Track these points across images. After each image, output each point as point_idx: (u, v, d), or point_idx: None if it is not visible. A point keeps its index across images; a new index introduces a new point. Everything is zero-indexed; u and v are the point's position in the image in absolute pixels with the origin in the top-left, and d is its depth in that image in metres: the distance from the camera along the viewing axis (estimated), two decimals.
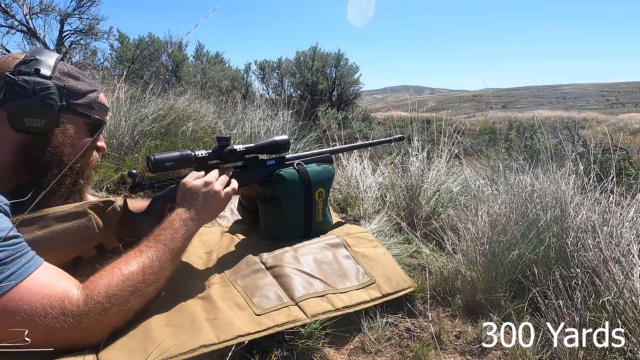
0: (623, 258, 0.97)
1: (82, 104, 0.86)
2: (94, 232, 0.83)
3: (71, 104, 0.84)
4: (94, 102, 0.89)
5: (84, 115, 0.87)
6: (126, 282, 0.72)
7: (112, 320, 0.70)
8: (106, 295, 0.69)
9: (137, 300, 0.74)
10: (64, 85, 0.83)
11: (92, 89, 0.90)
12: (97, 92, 0.91)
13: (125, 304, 0.71)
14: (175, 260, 0.84)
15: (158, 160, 0.90)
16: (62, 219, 0.80)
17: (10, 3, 5.13)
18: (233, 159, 1.04)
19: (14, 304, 0.61)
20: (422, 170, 1.74)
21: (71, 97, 0.84)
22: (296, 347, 0.82)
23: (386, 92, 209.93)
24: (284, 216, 1.13)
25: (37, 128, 0.78)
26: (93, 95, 0.89)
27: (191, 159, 0.95)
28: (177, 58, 6.44)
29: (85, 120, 0.87)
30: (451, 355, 0.90)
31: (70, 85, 0.84)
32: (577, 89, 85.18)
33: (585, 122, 12.29)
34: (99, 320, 0.68)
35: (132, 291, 0.72)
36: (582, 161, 1.39)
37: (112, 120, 2.20)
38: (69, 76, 0.85)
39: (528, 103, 60.75)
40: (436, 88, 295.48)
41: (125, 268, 0.74)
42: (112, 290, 0.70)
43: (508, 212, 1.20)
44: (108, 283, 0.70)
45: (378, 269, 1.05)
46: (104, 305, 0.68)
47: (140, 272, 0.75)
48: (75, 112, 0.85)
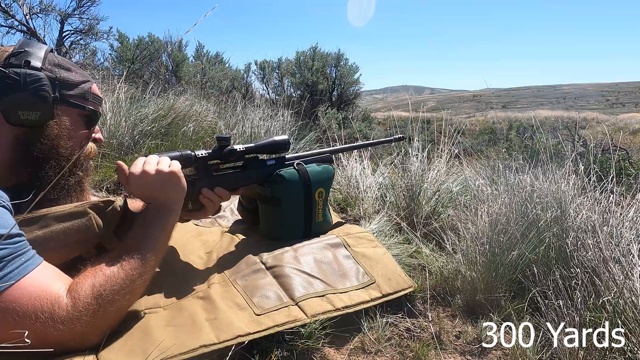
0: (623, 258, 0.97)
1: (76, 95, 0.85)
2: (94, 232, 0.82)
3: (64, 95, 0.83)
4: (88, 93, 0.88)
5: (79, 106, 0.86)
6: (110, 282, 0.70)
7: (104, 322, 0.69)
8: (93, 296, 0.68)
9: (124, 298, 0.72)
10: (55, 77, 0.82)
11: (85, 79, 0.88)
12: (89, 82, 0.90)
13: (112, 304, 0.70)
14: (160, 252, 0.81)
15: None
16: (62, 218, 0.79)
17: (10, 3, 5.13)
18: (233, 158, 1.04)
19: (6, 304, 0.61)
20: (422, 170, 1.74)
21: (64, 88, 0.83)
22: (296, 347, 0.82)
23: (386, 92, 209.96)
24: (284, 216, 1.14)
25: (32, 121, 0.77)
26: (86, 85, 0.88)
27: (191, 158, 0.95)
28: (177, 58, 6.44)
29: (80, 112, 0.86)
30: (451, 355, 0.90)
31: (62, 77, 0.83)
32: (577, 89, 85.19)
33: (585, 122, 12.29)
34: (91, 322, 0.66)
35: (118, 290, 0.71)
36: (582, 161, 1.39)
37: (112, 120, 2.20)
38: (60, 67, 0.84)
39: (528, 103, 60.75)
40: (436, 88, 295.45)
41: (108, 268, 0.72)
42: (97, 292, 0.68)
43: (508, 212, 1.20)
44: (92, 283, 0.69)
45: (378, 269, 1.05)
46: (92, 306, 0.67)
47: (122, 271, 0.73)
48: (69, 104, 0.84)
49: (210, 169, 1.02)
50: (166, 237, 0.84)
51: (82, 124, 0.88)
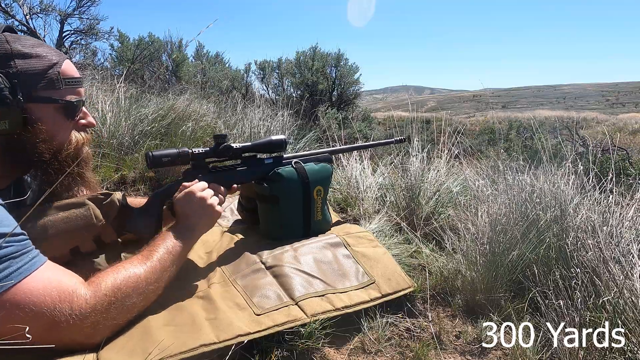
0: (623, 258, 0.97)
1: (44, 87, 0.73)
2: (92, 222, 0.83)
3: (29, 92, 0.71)
4: (57, 80, 0.75)
5: (51, 100, 0.75)
6: (130, 279, 0.73)
7: (115, 317, 0.70)
8: (112, 288, 0.70)
9: (138, 298, 0.75)
10: (14, 72, 0.69)
11: (50, 62, 0.74)
12: (57, 64, 0.75)
13: (129, 299, 0.72)
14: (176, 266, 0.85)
15: (156, 156, 0.93)
16: (61, 208, 0.81)
17: (11, 3, 5.13)
18: (230, 155, 1.06)
19: (22, 296, 0.61)
20: (422, 170, 1.74)
21: (27, 84, 0.71)
22: (296, 347, 0.82)
23: (386, 92, 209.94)
24: (283, 215, 1.14)
25: (3, 130, 0.69)
26: (53, 71, 0.74)
27: (188, 155, 0.97)
28: (177, 58, 6.43)
29: (56, 105, 0.76)
30: (451, 355, 0.90)
31: (21, 69, 0.70)
32: (577, 89, 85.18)
33: (585, 122, 12.29)
34: (103, 315, 0.68)
35: (135, 287, 0.74)
36: (582, 161, 1.39)
37: (112, 120, 2.20)
38: (16, 57, 0.70)
39: (528, 103, 60.73)
40: (436, 88, 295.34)
41: (130, 267, 0.76)
42: (117, 285, 0.71)
43: (508, 212, 1.20)
44: (114, 278, 0.72)
45: (378, 269, 1.05)
46: (110, 298, 0.69)
47: (142, 272, 0.76)
48: (39, 100, 0.73)
49: (207, 166, 1.04)
50: (185, 255, 0.88)
51: (63, 115, 0.77)
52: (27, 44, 0.73)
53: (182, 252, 0.86)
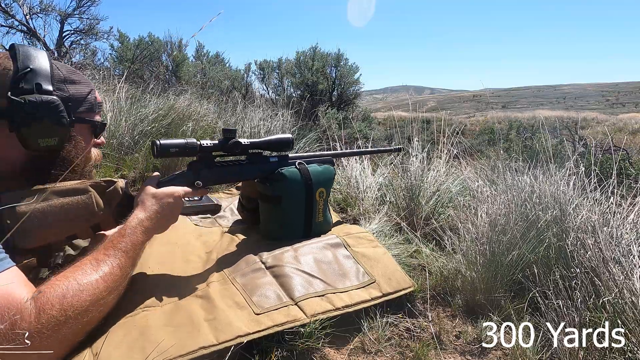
0: (623, 258, 0.97)
1: (86, 110, 0.85)
2: (93, 210, 0.82)
3: (77, 113, 0.83)
4: (95, 105, 0.88)
5: (90, 122, 0.87)
6: (84, 292, 0.66)
7: (68, 336, 0.64)
8: (60, 307, 0.62)
9: (97, 310, 0.68)
10: (67, 96, 0.81)
11: (89, 88, 0.88)
12: (93, 90, 0.89)
13: (86, 315, 0.65)
14: (133, 267, 0.80)
15: (163, 145, 0.91)
16: (62, 193, 0.79)
17: (10, 3, 5.12)
18: (237, 151, 1.04)
19: None
20: (422, 170, 1.74)
21: (75, 106, 0.83)
22: (296, 347, 0.82)
23: (386, 92, 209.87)
24: (284, 215, 1.14)
25: (52, 146, 0.78)
26: (92, 96, 0.87)
27: (196, 147, 0.96)
28: (177, 58, 6.43)
29: (89, 125, 0.88)
30: (451, 355, 0.90)
31: (72, 94, 0.82)
32: (577, 89, 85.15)
33: (585, 122, 12.29)
34: (53, 336, 0.61)
35: (93, 300, 0.67)
36: (583, 161, 1.39)
37: (112, 120, 2.20)
38: (67, 82, 0.82)
39: (528, 103, 60.72)
40: (436, 88, 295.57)
41: (82, 277, 0.67)
42: (67, 302, 0.63)
43: (508, 212, 1.20)
44: (63, 294, 0.63)
45: (378, 269, 1.05)
46: (57, 319, 0.61)
47: (101, 280, 0.69)
48: (82, 121, 0.85)
49: (212, 160, 1.02)
50: (140, 255, 0.82)
51: (90, 134, 0.89)
52: (72, 70, 0.85)
53: (139, 253, 0.81)
